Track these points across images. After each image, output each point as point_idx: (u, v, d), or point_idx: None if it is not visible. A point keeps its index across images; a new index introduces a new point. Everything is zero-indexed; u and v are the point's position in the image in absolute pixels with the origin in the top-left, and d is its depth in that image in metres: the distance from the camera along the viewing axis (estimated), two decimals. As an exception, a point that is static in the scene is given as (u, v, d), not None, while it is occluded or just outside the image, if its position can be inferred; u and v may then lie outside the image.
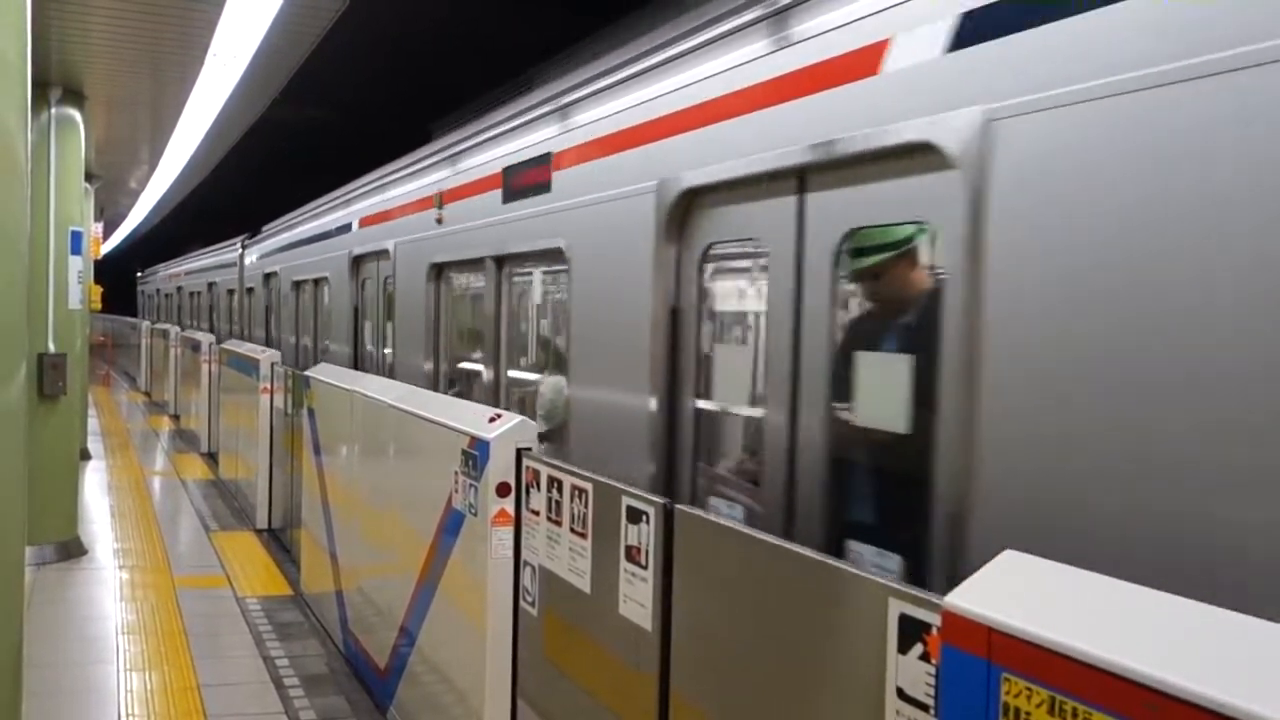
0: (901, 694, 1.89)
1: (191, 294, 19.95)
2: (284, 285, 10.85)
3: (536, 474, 3.46)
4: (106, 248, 20.63)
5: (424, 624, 4.30)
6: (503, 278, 5.15)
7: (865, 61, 2.61)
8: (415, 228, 6.40)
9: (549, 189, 4.45)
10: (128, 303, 33.48)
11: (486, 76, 8.71)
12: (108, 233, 21.33)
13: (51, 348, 7.55)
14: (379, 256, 7.23)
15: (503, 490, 3.59)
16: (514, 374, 5.33)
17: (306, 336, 9.93)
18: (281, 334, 11.07)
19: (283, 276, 10.95)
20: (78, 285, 7.99)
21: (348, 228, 8.32)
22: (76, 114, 8.09)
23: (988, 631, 1.53)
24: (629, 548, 2.85)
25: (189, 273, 20.31)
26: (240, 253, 14.12)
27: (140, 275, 32.43)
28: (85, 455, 11.33)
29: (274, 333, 11.52)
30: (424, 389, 5.60)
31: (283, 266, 11.01)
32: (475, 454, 3.71)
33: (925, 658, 1.84)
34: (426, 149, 6.60)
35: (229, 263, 15.04)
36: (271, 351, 8.94)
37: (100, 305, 14.21)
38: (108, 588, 6.90)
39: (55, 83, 7.75)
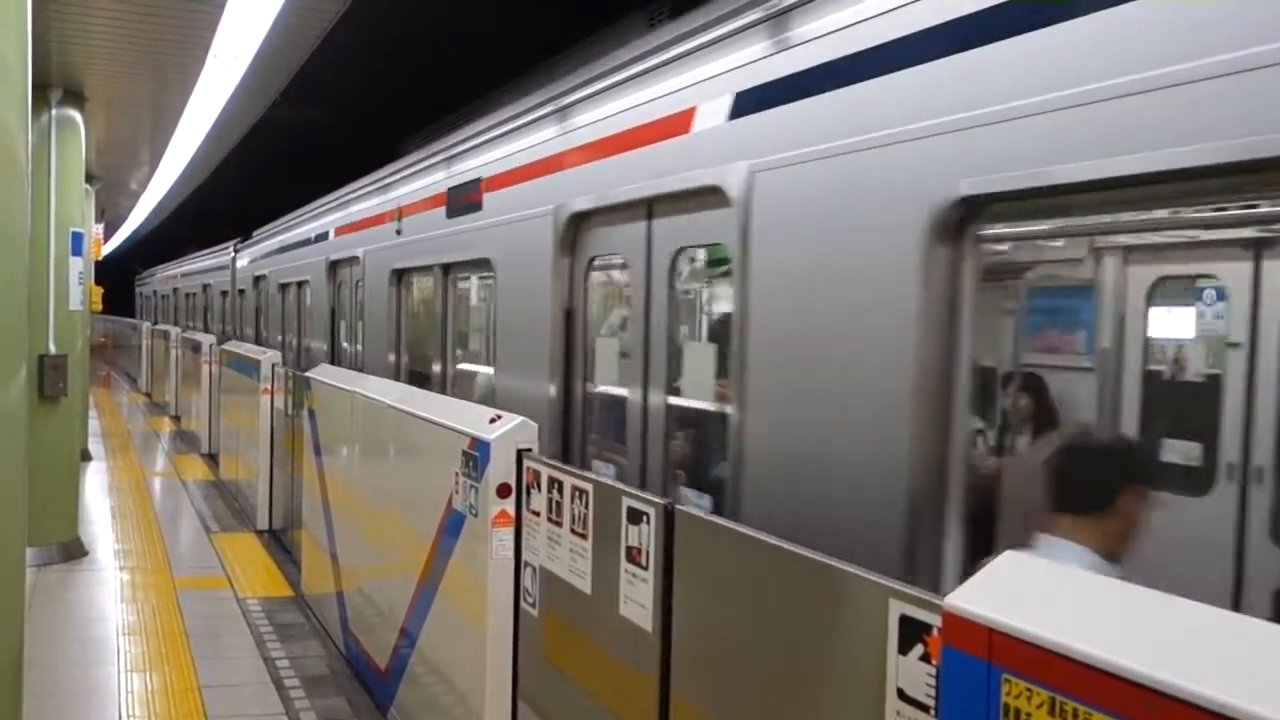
0: (902, 695, 1.89)
1: (187, 295, 20.62)
2: (271, 287, 11.68)
3: (537, 475, 3.47)
4: (107, 249, 20.64)
5: (425, 625, 4.31)
6: (448, 283, 5.99)
7: (682, 123, 3.46)
8: (380, 238, 7.26)
9: (481, 208, 5.26)
10: (129, 304, 33.53)
11: (487, 78, 8.74)
12: (108, 234, 21.35)
13: (52, 349, 7.56)
14: (351, 263, 8.04)
15: (503, 491, 3.59)
16: (460, 366, 6.16)
17: (291, 334, 10.68)
18: (269, 332, 11.84)
19: (270, 279, 11.79)
20: (78, 286, 7.99)
21: (326, 236, 9.12)
22: (77, 115, 8.10)
23: (988, 632, 1.54)
24: (629, 548, 2.86)
25: (185, 274, 21.12)
26: (232, 257, 14.81)
27: (139, 277, 32.49)
28: (86, 456, 11.33)
29: (263, 331, 12.29)
30: (389, 379, 6.25)
31: (270, 270, 11.86)
32: (476, 455, 3.71)
33: (926, 658, 1.84)
34: (390, 167, 7.44)
35: (222, 266, 15.75)
36: (272, 352, 9.00)
37: (101, 306, 14.21)
38: (108, 589, 6.90)
39: (56, 84, 7.76)
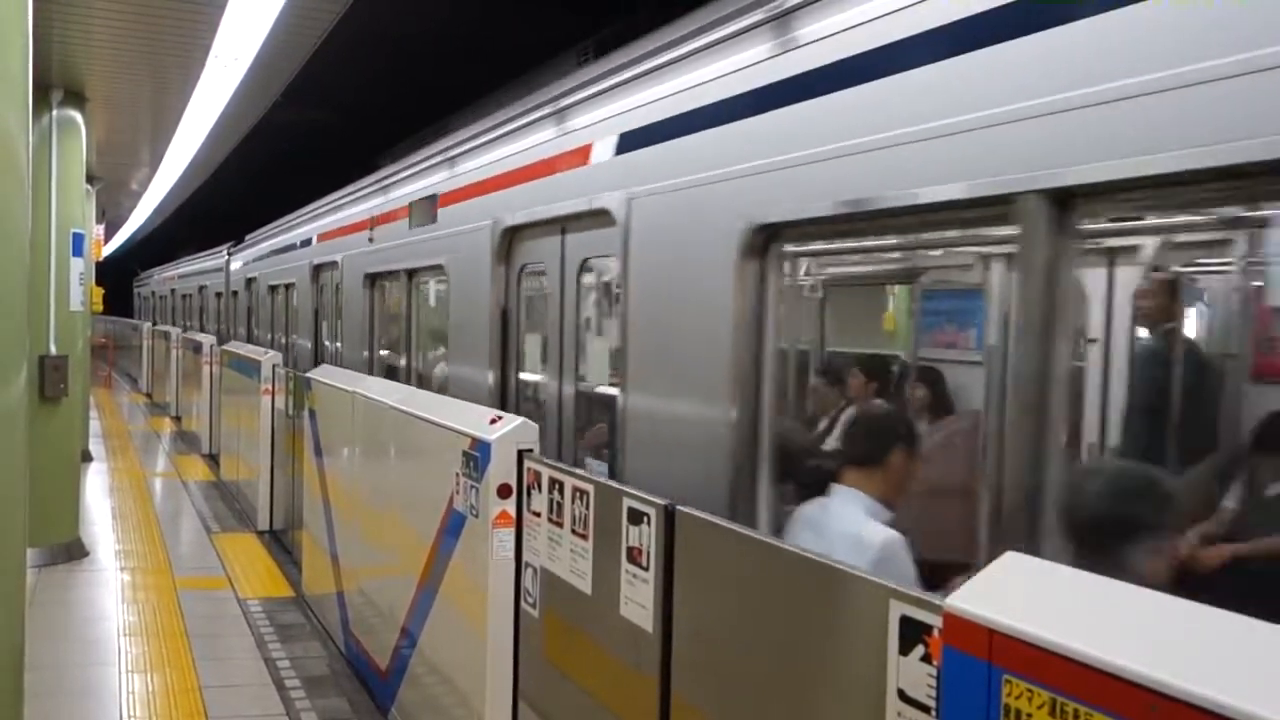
0: (903, 696, 1.89)
1: (184, 296, 21.28)
2: (262, 289, 12.24)
3: (538, 475, 3.47)
4: (108, 250, 20.65)
5: (425, 625, 4.31)
6: (412, 286, 6.58)
7: (584, 155, 4.08)
8: (356, 244, 7.79)
9: (437, 220, 5.88)
10: (129, 304, 33.52)
11: (487, 78, 8.74)
12: (109, 235, 21.36)
13: (53, 349, 7.56)
14: (331, 267, 8.55)
15: (504, 492, 3.59)
16: (422, 359, 6.74)
17: (280, 333, 11.16)
18: (260, 331, 12.36)
19: (261, 281, 12.37)
20: (79, 287, 7.99)
21: (310, 241, 9.64)
22: (78, 116, 8.10)
23: (989, 633, 1.54)
24: (630, 549, 2.86)
25: (181, 276, 21.78)
26: (226, 259, 15.31)
27: (137, 278, 32.50)
28: (87, 457, 11.33)
29: (254, 331, 12.83)
30: (364, 373, 6.82)
31: (261, 272, 12.45)
32: (476, 455, 3.71)
33: (926, 659, 1.84)
34: (365, 180, 7.99)
35: (217, 268, 16.26)
36: (273, 353, 9.04)
37: (101, 307, 14.21)
38: (109, 589, 6.91)
39: (56, 85, 7.76)
